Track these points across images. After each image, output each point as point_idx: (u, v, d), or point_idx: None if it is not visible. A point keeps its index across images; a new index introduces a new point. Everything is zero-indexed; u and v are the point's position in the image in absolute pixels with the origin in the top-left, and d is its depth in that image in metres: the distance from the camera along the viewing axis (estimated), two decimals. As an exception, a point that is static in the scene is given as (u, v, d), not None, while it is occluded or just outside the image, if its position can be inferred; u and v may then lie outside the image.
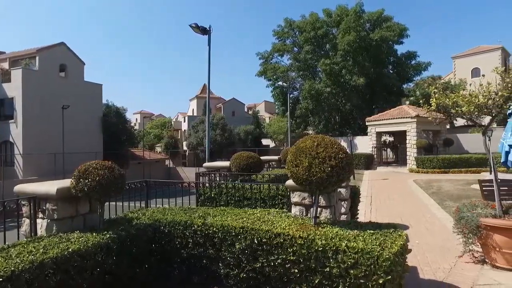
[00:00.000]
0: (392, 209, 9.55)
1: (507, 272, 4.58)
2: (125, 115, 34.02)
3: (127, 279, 3.70)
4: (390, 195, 12.17)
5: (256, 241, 3.52)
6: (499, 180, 5.55)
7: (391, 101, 31.16)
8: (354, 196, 5.82)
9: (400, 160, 25.47)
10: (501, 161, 7.08)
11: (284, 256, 3.35)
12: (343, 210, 5.14)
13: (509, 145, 5.97)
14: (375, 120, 24.79)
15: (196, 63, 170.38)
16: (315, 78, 33.43)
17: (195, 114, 52.81)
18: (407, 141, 22.75)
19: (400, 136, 24.75)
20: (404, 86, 35.64)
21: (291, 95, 34.62)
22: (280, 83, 31.69)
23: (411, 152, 22.18)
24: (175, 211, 4.56)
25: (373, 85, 31.96)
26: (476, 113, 5.39)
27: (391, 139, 28.32)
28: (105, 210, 4.11)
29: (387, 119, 24.02)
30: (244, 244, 3.61)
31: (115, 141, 29.64)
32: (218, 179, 7.86)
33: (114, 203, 4.93)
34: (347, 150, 3.66)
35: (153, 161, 35.54)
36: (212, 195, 6.34)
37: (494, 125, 25.98)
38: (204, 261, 3.94)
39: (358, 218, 6.31)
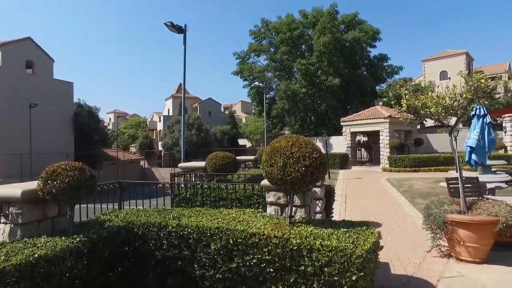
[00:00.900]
0: (366, 207, 9.79)
1: (469, 265, 4.83)
2: (98, 115, 33.06)
3: (98, 283, 3.59)
4: (364, 193, 12.48)
5: (231, 241, 3.51)
6: (464, 178, 5.82)
7: (365, 102, 31.93)
8: (329, 195, 5.92)
9: (374, 159, 26.14)
10: (466, 160, 7.46)
11: (259, 256, 3.36)
12: (318, 209, 5.21)
13: (468, 146, 6.28)
14: (350, 121, 25.31)
15: (172, 62, 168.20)
16: (291, 79, 33.75)
17: (170, 114, 52.10)
18: (381, 141, 23.36)
19: (374, 136, 25.38)
20: (377, 87, 36.61)
21: (267, 95, 34.80)
22: (257, 83, 31.80)
23: (384, 151, 22.81)
24: (149, 212, 4.48)
25: (347, 86, 32.62)
26: (443, 114, 5.58)
27: (365, 139, 29.01)
28: (76, 213, 3.97)
29: (361, 119, 24.57)
30: (219, 244, 3.59)
31: (87, 141, 28.74)
32: (193, 180, 7.79)
33: (85, 205, 4.78)
34: (322, 150, 3.72)
35: (127, 162, 34.69)
36: (188, 196, 6.28)
37: (460, 125, 27.21)
38: (179, 262, 3.89)
39: (333, 216, 6.42)
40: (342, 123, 25.87)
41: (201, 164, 8.20)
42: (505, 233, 4.82)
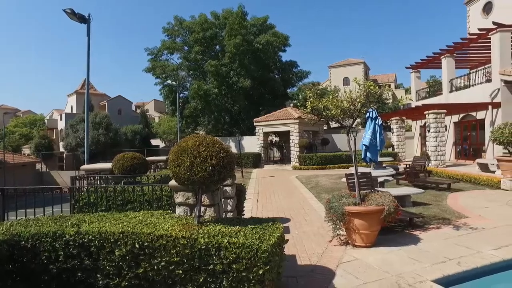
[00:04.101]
0: (276, 204, 10.26)
1: (362, 249, 5.47)
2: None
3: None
4: (275, 191, 13.07)
5: (137, 246, 3.36)
6: (359, 174, 6.54)
7: (277, 104, 33.41)
8: (240, 193, 6.05)
9: (285, 158, 27.58)
10: (362, 157, 8.39)
11: (167, 258, 3.28)
12: (229, 208, 5.29)
13: (364, 144, 7.12)
14: (262, 121, 26.23)
15: (77, 54, 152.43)
16: (206, 79, 33.55)
17: (74, 111, 47.47)
18: (291, 141, 24.73)
19: (285, 136, 26.76)
20: (289, 90, 38.70)
21: (181, 95, 34.03)
22: (169, 81, 30.82)
23: (294, 150, 24.21)
24: (41, 221, 3.99)
25: (260, 88, 33.72)
26: (342, 116, 6.19)
27: (277, 139, 30.45)
28: None
29: (273, 120, 25.66)
30: (124, 250, 3.41)
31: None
32: (99, 183, 7.22)
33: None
34: (235, 150, 3.80)
35: (18, 165, 30.31)
36: (91, 201, 5.80)
37: (360, 126, 30.43)
38: (79, 274, 3.58)
39: (244, 215, 6.58)
40: (255, 124, 26.66)
41: (108, 165, 7.64)
42: (388, 219, 5.57)
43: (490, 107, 17.58)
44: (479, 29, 18.12)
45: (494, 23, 17.10)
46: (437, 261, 4.84)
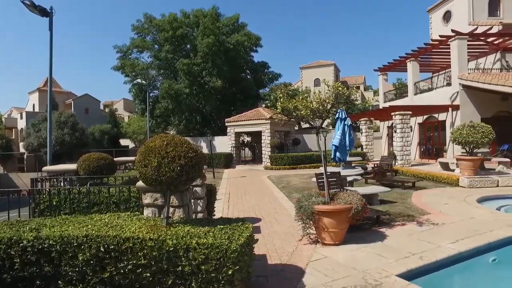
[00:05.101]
0: (248, 204, 10.26)
1: (331, 247, 5.58)
2: None
3: None
4: (247, 191, 13.08)
5: (102, 249, 3.24)
6: (329, 173, 6.67)
7: (249, 104, 33.41)
8: (210, 194, 6.00)
9: (257, 158, 27.67)
10: (331, 157, 8.56)
11: (134, 261, 3.20)
12: (199, 208, 5.23)
13: (333, 144, 7.27)
14: (234, 121, 26.18)
15: (39, 49, 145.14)
16: (177, 78, 33.01)
17: (36, 110, 45.24)
18: (263, 141, 24.84)
19: (257, 136, 26.82)
20: (261, 91, 38.86)
21: (151, 94, 33.30)
22: (139, 80, 30.03)
23: (266, 150, 24.35)
24: (-5, 227, 3.76)
25: (231, 88, 33.60)
26: (311, 116, 6.29)
27: (249, 139, 30.48)
28: None
29: (245, 120, 25.67)
30: (88, 254, 3.28)
31: None
32: (63, 185, 6.90)
33: None
34: (205, 150, 3.76)
35: (-27, 167, 28.45)
36: (54, 204, 5.52)
37: (330, 127, 31.07)
38: (38, 282, 3.40)
39: (215, 215, 6.55)
40: (226, 124, 26.55)
41: (72, 166, 7.32)
42: (356, 217, 5.72)
43: (450, 109, 18.55)
44: (440, 36, 19.08)
45: (453, 30, 18.07)
46: (402, 256, 5.03)
